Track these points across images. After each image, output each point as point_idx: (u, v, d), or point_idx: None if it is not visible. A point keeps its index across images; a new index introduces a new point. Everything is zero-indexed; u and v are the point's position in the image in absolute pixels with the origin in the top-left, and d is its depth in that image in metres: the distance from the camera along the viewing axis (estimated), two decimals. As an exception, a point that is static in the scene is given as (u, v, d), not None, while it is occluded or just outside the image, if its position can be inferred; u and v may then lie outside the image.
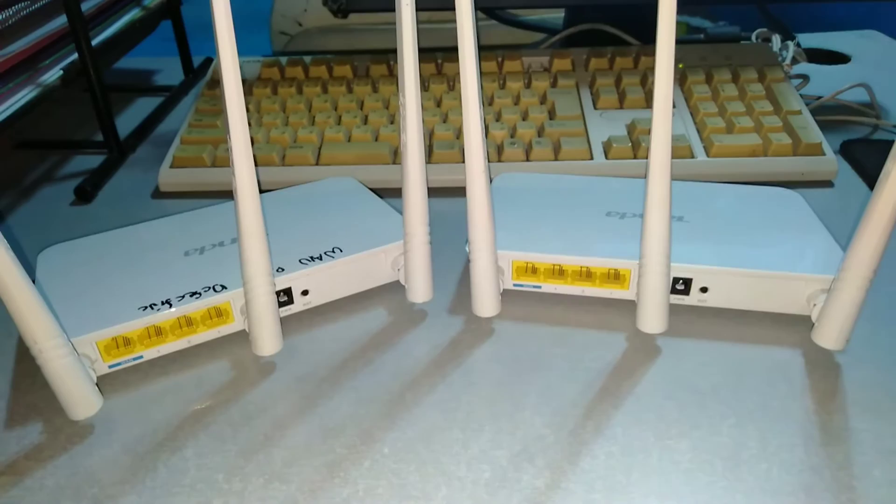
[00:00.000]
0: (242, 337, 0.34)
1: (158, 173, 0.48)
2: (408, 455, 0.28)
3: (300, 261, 0.35)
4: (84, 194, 0.47)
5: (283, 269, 0.34)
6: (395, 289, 0.37)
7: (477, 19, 0.29)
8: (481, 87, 0.30)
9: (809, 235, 0.36)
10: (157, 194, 0.48)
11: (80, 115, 0.59)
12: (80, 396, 0.29)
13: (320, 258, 0.35)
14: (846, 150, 0.50)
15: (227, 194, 0.31)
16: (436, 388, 0.31)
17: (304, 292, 0.35)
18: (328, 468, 0.28)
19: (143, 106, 0.61)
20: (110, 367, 0.32)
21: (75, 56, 0.50)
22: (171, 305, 0.32)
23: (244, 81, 0.55)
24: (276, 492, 0.27)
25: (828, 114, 0.53)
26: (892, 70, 0.63)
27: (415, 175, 0.32)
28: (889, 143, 0.51)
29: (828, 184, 0.46)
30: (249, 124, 0.50)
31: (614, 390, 0.31)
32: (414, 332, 0.35)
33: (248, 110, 0.52)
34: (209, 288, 0.33)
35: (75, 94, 0.55)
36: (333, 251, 0.35)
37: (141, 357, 0.32)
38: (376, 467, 0.28)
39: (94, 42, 0.52)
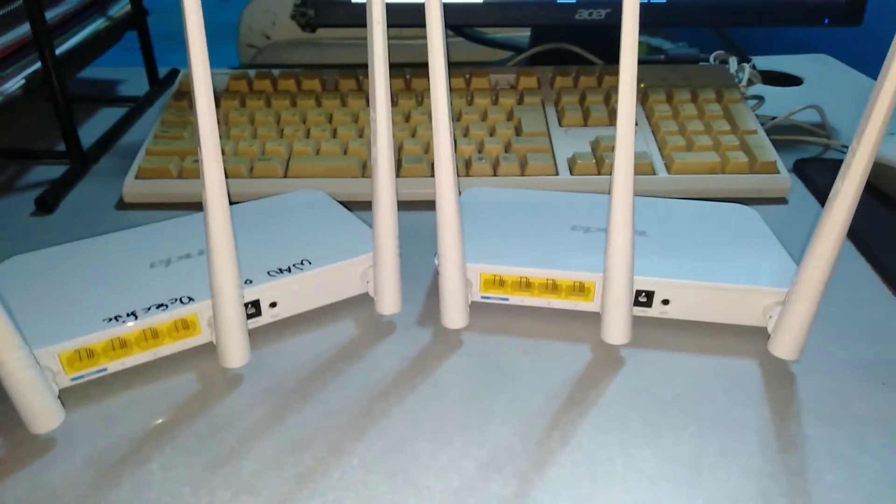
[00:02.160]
0: (209, 349, 0.34)
1: (123, 184, 0.47)
2: (377, 466, 0.28)
3: (269, 273, 0.35)
4: (45, 205, 0.46)
5: (251, 281, 0.34)
6: (363, 301, 0.37)
7: (446, 36, 0.30)
8: (451, 103, 0.31)
9: (765, 250, 0.38)
10: (122, 205, 0.47)
11: (41, 126, 0.58)
12: (41, 410, 0.29)
13: (289, 270, 0.35)
14: (799, 169, 0.52)
15: (194, 206, 0.31)
16: (405, 400, 0.31)
17: (273, 304, 0.35)
18: (297, 480, 0.28)
19: (107, 116, 0.60)
20: (73, 379, 0.31)
21: (38, 65, 0.50)
22: (136, 317, 0.31)
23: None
24: (243, 504, 0.27)
25: (782, 133, 0.56)
26: (842, 92, 0.66)
27: (385, 189, 0.32)
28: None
29: (782, 200, 0.48)
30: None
31: (580, 400, 0.32)
32: (383, 343, 0.35)
33: (215, 122, 0.52)
34: (176, 300, 0.32)
35: (37, 103, 0.54)
36: (302, 263, 0.35)
37: (105, 370, 0.32)
38: (345, 478, 0.28)
39: (58, 51, 0.51)
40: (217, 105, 0.54)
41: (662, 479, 0.28)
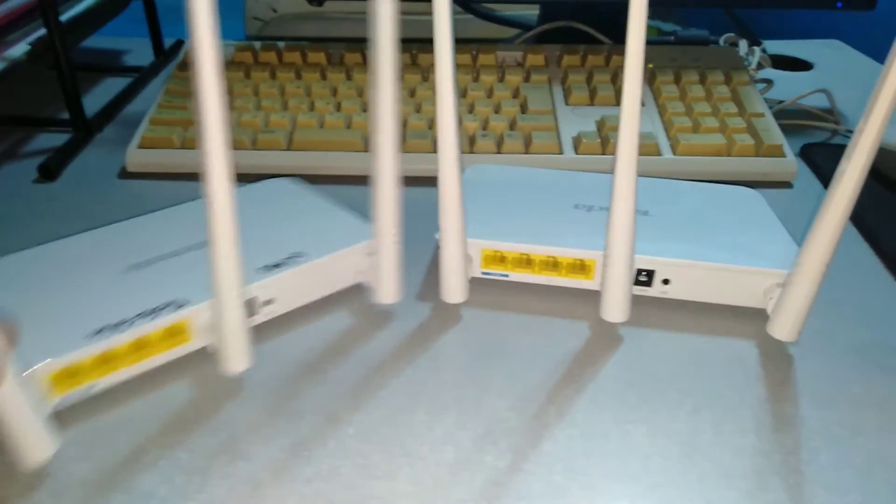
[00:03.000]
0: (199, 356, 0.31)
1: (126, 153, 0.47)
2: (372, 436, 0.28)
3: (262, 268, 0.32)
4: (48, 172, 0.46)
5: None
6: (356, 290, 0.36)
7: (453, 12, 0.29)
8: (456, 79, 0.31)
9: (768, 232, 0.37)
10: (124, 174, 0.47)
11: (45, 93, 0.58)
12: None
13: (282, 265, 0.33)
14: (806, 153, 0.51)
15: (195, 177, 0.30)
16: (402, 372, 0.32)
17: (267, 302, 0.33)
18: (291, 447, 0.28)
19: (112, 86, 0.60)
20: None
21: (43, 32, 0.49)
22: (122, 329, 0.28)
23: (216, 64, 0.55)
24: (238, 469, 0.27)
25: (789, 118, 0.55)
26: (852, 78, 0.66)
27: (387, 174, 0.31)
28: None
29: (787, 185, 0.48)
30: (221, 107, 0.50)
31: (577, 376, 0.32)
32: (382, 317, 0.35)
33: (219, 93, 0.51)
34: (167, 305, 0.30)
35: (41, 71, 0.54)
36: (295, 256, 0.34)
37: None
38: (340, 447, 0.28)
39: (63, 18, 0.51)
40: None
41: (657, 455, 0.28)
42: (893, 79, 0.26)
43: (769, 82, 0.60)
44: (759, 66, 0.62)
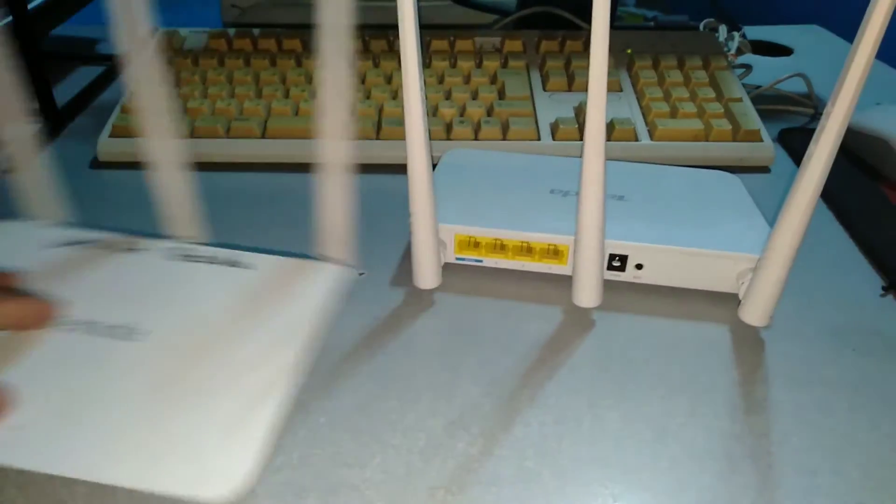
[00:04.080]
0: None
1: (97, 143, 0.46)
2: (344, 424, 0.28)
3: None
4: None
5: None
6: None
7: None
8: (422, 61, 0.30)
9: (743, 217, 0.37)
10: (96, 164, 0.47)
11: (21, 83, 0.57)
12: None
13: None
14: (783, 138, 0.51)
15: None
16: (374, 359, 0.31)
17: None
18: (262, 436, 0.27)
19: (85, 75, 0.59)
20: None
21: (9, 19, 0.48)
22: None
23: (189, 52, 0.54)
24: (208, 460, 0.26)
25: (768, 103, 0.55)
26: (831, 63, 0.66)
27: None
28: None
29: (765, 169, 0.48)
30: (194, 96, 0.49)
31: (550, 361, 0.32)
32: (354, 303, 0.35)
33: (192, 81, 0.51)
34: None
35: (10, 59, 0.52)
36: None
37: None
38: (312, 436, 0.28)
39: (34, 5, 0.50)
40: (195, 63, 0.53)
41: (628, 438, 0.28)
42: (861, 59, 0.26)
43: (748, 67, 0.59)
44: (739, 52, 0.62)
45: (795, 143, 0.50)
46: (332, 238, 0.33)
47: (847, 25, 0.76)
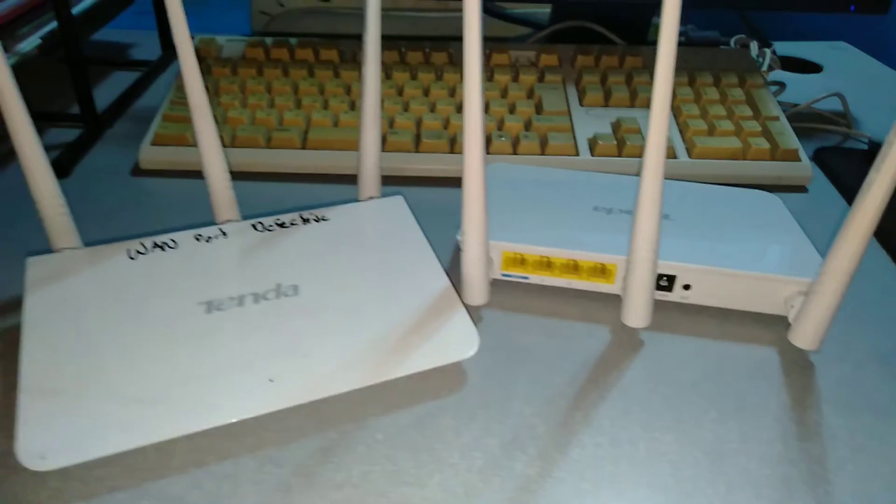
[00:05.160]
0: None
1: (139, 150, 0.47)
2: (401, 441, 0.28)
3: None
4: (61, 168, 0.46)
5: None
6: None
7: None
8: (483, 81, 0.30)
9: (788, 238, 0.38)
10: (137, 172, 0.47)
11: (54, 88, 0.57)
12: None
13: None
14: (819, 157, 0.51)
15: None
16: (427, 376, 0.31)
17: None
18: (321, 452, 0.28)
19: (120, 80, 0.59)
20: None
21: (54, 25, 0.49)
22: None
23: (227, 60, 0.54)
24: (268, 475, 0.27)
25: (801, 121, 0.55)
26: (861, 81, 0.66)
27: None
28: (860, 152, 0.53)
29: (802, 189, 0.48)
30: (234, 105, 0.50)
31: (601, 382, 0.32)
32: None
33: (231, 91, 0.51)
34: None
35: (50, 65, 0.53)
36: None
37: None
38: (370, 453, 0.28)
39: (74, 11, 0.50)
40: (233, 73, 0.53)
41: (684, 463, 0.28)
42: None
43: (781, 85, 0.60)
44: (770, 68, 0.62)
45: (832, 163, 0.50)
46: (368, 181, 0.39)
47: (872, 42, 0.76)
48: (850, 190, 0.47)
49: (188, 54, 0.33)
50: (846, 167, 0.50)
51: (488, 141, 0.47)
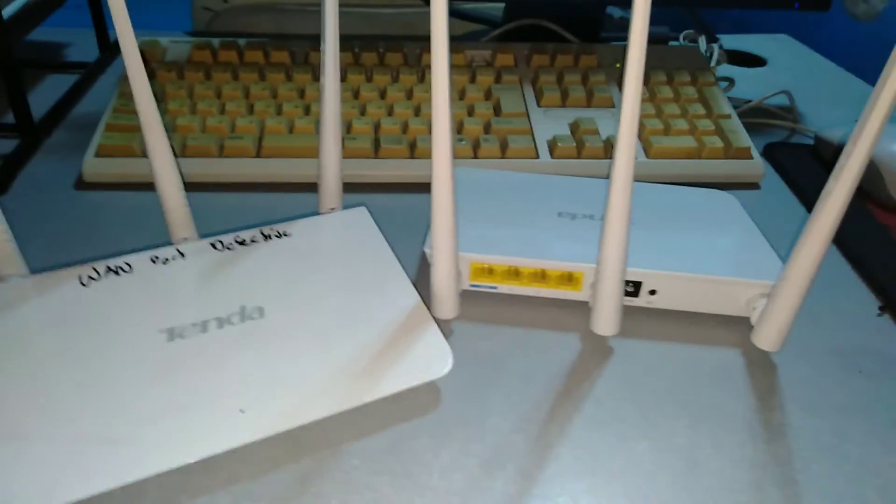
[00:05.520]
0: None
1: (82, 162, 0.44)
2: (378, 466, 0.28)
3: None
4: (-2, 184, 0.43)
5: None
6: None
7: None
8: (450, 86, 0.30)
9: (746, 240, 0.38)
10: (81, 185, 0.45)
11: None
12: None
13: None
14: (769, 154, 0.53)
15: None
16: (400, 396, 0.31)
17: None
18: (299, 483, 0.27)
19: (55, 84, 0.56)
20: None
21: (-17, 29, 0.46)
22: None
23: (173, 64, 0.52)
24: (244, 510, 0.26)
25: (749, 116, 0.57)
26: (806, 76, 0.68)
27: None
28: (807, 147, 0.55)
29: (755, 186, 0.49)
30: (183, 112, 0.48)
31: (574, 392, 0.32)
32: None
33: (179, 96, 0.49)
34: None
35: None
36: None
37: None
38: (348, 480, 0.27)
39: (5, 13, 0.47)
40: (180, 76, 0.51)
41: (661, 472, 0.28)
42: (884, 101, 0.27)
43: (731, 81, 0.61)
44: (717, 62, 0.63)
45: (781, 159, 0.52)
46: (329, 192, 0.38)
47: (813, 36, 0.79)
48: (799, 185, 0.49)
49: (138, 70, 0.31)
50: (795, 163, 0.51)
51: (448, 145, 0.47)
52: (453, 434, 0.29)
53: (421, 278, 0.38)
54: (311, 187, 0.45)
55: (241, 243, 0.35)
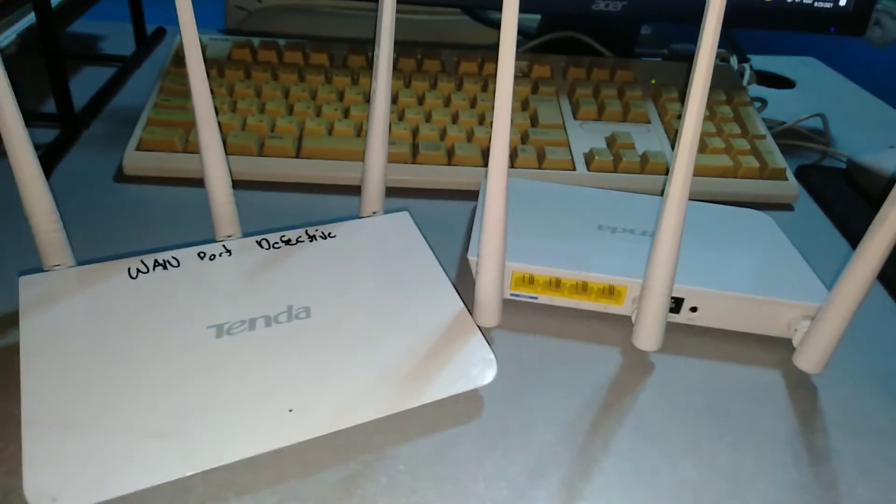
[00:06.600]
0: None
1: (123, 155, 0.45)
2: (423, 472, 0.28)
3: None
4: (39, 173, 0.43)
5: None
6: None
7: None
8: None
9: (785, 260, 0.38)
10: (121, 177, 0.45)
11: (23, 84, 0.54)
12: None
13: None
14: (801, 175, 0.53)
15: (198, 182, 0.30)
16: (444, 402, 0.31)
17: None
18: (344, 485, 0.27)
19: (92, 76, 0.56)
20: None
21: (31, 19, 0.46)
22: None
23: (213, 61, 0.52)
24: (291, 510, 0.26)
25: (781, 138, 0.57)
26: (835, 99, 0.68)
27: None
28: (839, 171, 0.55)
29: (788, 207, 0.49)
30: (223, 109, 0.48)
31: (617, 406, 0.32)
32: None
33: (220, 94, 0.49)
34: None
35: (13, 59, 0.50)
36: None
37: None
38: (393, 484, 0.27)
39: (53, 3, 0.48)
40: (220, 74, 0.51)
41: (706, 491, 0.28)
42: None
43: (764, 101, 0.61)
44: (748, 83, 0.63)
45: (814, 181, 0.52)
46: (372, 195, 0.38)
47: (835, 58, 0.79)
48: (832, 208, 0.49)
49: (197, 65, 0.31)
50: (827, 186, 0.51)
51: (486, 153, 0.47)
52: (497, 442, 0.29)
53: (461, 284, 0.38)
54: (349, 190, 0.45)
55: (287, 242, 0.35)
